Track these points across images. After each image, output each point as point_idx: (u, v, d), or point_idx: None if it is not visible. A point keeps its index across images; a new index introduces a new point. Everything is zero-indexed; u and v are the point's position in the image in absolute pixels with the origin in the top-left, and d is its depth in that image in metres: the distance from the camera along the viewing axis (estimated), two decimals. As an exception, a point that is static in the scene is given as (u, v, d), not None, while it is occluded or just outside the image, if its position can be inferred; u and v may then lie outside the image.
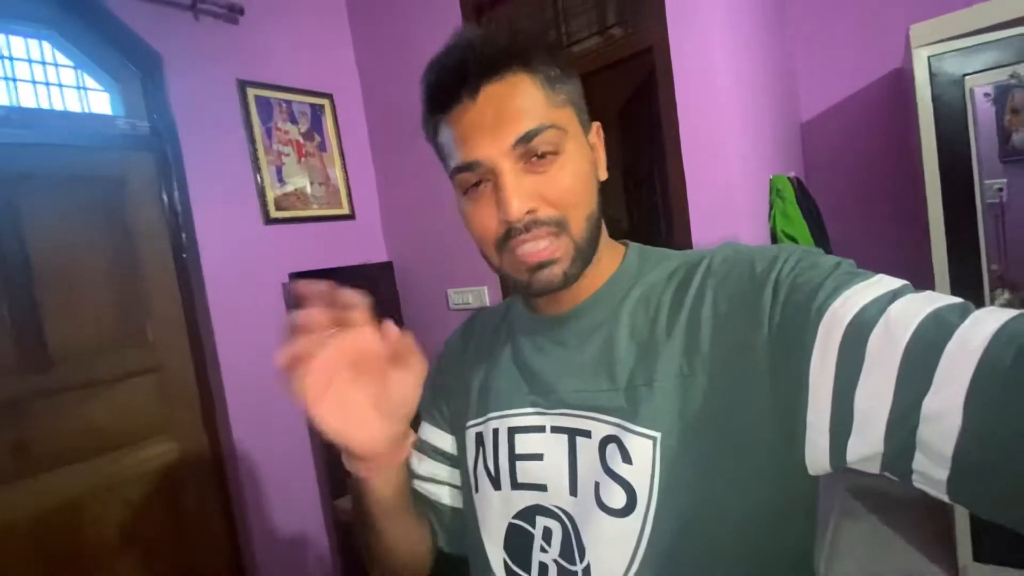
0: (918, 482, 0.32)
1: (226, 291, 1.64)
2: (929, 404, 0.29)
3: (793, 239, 1.58)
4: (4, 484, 1.31)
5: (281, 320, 1.76)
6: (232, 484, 1.66)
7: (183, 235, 1.62)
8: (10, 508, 1.31)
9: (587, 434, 0.47)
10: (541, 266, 0.46)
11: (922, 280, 0.78)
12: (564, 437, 0.49)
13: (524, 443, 0.51)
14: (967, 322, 0.30)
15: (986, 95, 1.53)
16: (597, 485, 0.45)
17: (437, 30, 1.82)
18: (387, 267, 2.01)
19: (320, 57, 1.96)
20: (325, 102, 1.94)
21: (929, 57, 1.50)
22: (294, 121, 1.85)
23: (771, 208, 1.61)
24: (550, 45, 0.48)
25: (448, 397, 0.62)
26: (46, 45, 1.49)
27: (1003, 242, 1.59)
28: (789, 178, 1.66)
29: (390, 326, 0.40)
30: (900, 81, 1.88)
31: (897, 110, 1.92)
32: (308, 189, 1.88)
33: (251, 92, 1.72)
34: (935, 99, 1.51)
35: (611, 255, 0.53)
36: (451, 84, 0.44)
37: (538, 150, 0.44)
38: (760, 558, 0.43)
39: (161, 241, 1.62)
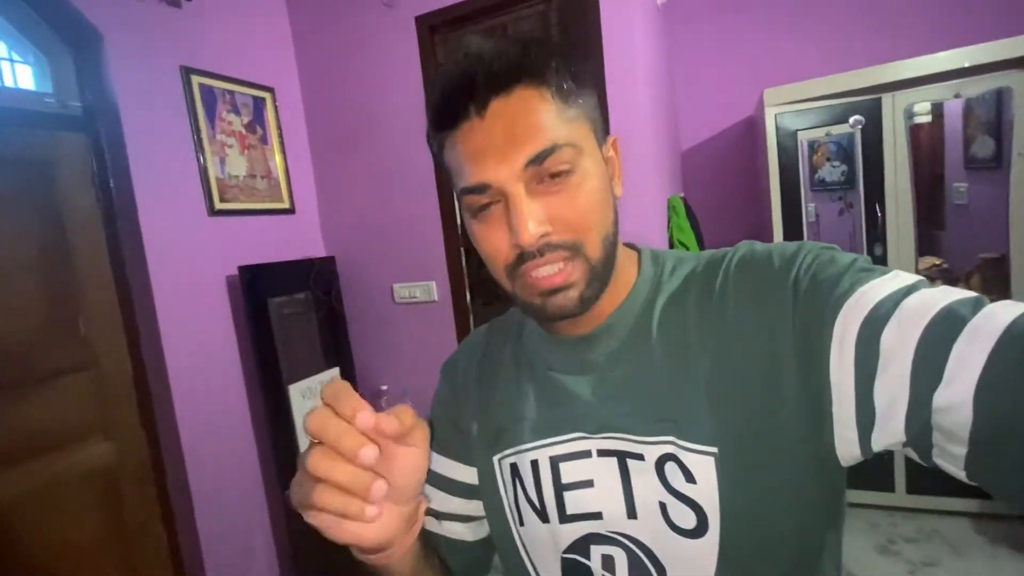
0: (937, 456, 0.32)
1: (172, 284, 1.59)
2: (941, 397, 0.30)
3: (684, 245, 2.01)
4: (-80, 497, 1.18)
5: (228, 314, 1.75)
6: (174, 484, 1.62)
7: (119, 223, 1.54)
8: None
9: (639, 456, 0.45)
10: (555, 291, 0.44)
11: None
12: (613, 460, 0.46)
13: (571, 471, 0.48)
14: (979, 316, 0.30)
15: (808, 144, 2.12)
16: (663, 506, 0.44)
17: (382, 39, 1.94)
18: (329, 261, 2.05)
19: (262, 50, 1.95)
20: (267, 95, 1.94)
21: (776, 115, 2.03)
22: (237, 112, 1.83)
23: (669, 221, 2.02)
24: (565, 56, 0.44)
25: (467, 427, 0.57)
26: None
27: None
28: (680, 197, 2.10)
29: (389, 421, 0.36)
30: (751, 126, 2.44)
31: (749, 148, 2.49)
32: (251, 181, 1.86)
33: (195, 80, 1.68)
34: (778, 144, 2.06)
35: (628, 268, 0.51)
36: (458, 100, 0.42)
37: (551, 170, 0.41)
38: (810, 557, 0.44)
39: (94, 229, 1.52)
